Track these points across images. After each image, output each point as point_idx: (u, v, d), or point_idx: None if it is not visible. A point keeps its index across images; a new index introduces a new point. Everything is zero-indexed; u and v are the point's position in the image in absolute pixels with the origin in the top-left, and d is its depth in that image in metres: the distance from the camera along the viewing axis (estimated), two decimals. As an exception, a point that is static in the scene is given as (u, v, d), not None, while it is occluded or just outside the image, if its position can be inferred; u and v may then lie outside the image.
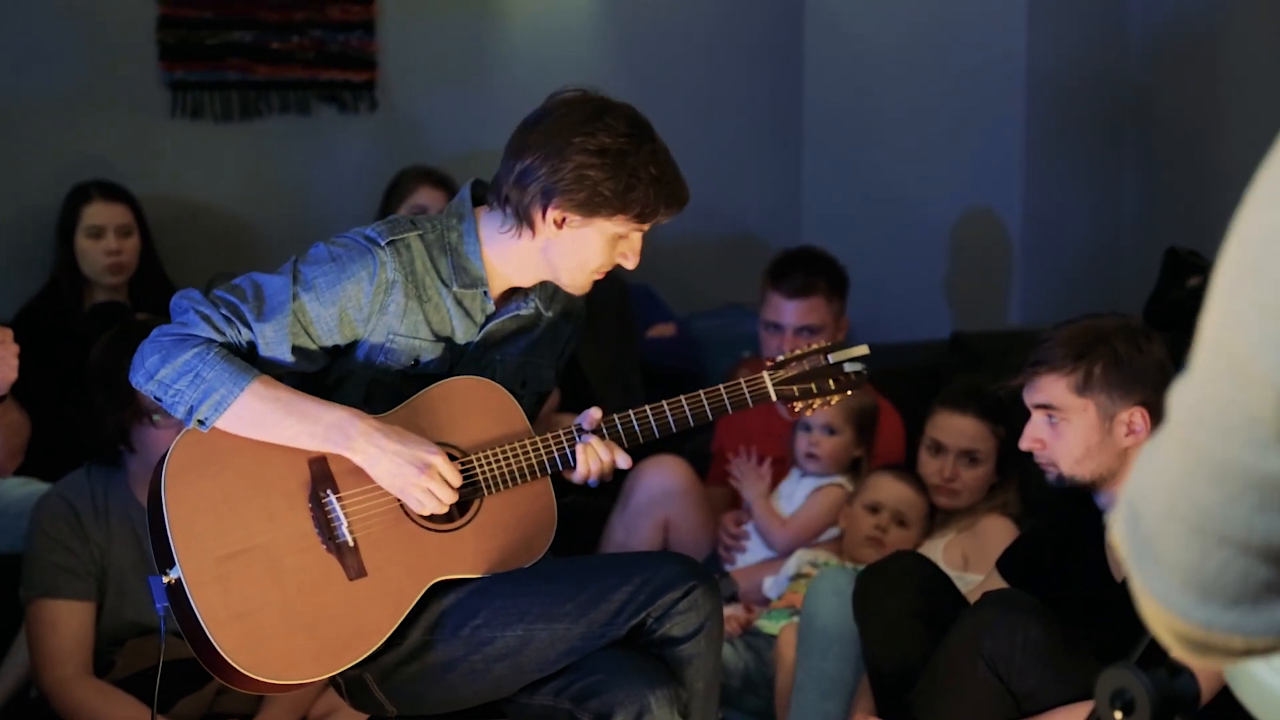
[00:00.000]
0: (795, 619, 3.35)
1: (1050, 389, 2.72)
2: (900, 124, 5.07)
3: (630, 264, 2.64)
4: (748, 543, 3.82)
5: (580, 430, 2.63)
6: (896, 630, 2.91)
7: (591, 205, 2.54)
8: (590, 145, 2.53)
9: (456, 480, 2.54)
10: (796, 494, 3.81)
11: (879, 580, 2.96)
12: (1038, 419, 2.74)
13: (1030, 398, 2.75)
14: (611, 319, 4.51)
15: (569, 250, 2.59)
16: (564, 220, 2.56)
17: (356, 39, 4.79)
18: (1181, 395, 0.93)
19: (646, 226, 2.61)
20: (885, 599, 2.93)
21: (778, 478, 3.88)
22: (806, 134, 5.39)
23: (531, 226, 2.58)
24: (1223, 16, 4.51)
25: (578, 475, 2.63)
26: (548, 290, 2.73)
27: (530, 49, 4.98)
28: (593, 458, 2.61)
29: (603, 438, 2.62)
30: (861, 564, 3.38)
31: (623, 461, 2.64)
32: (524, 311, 2.69)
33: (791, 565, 3.64)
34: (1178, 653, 0.98)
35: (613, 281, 4.51)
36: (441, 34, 4.91)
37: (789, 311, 3.92)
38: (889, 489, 3.64)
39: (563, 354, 2.83)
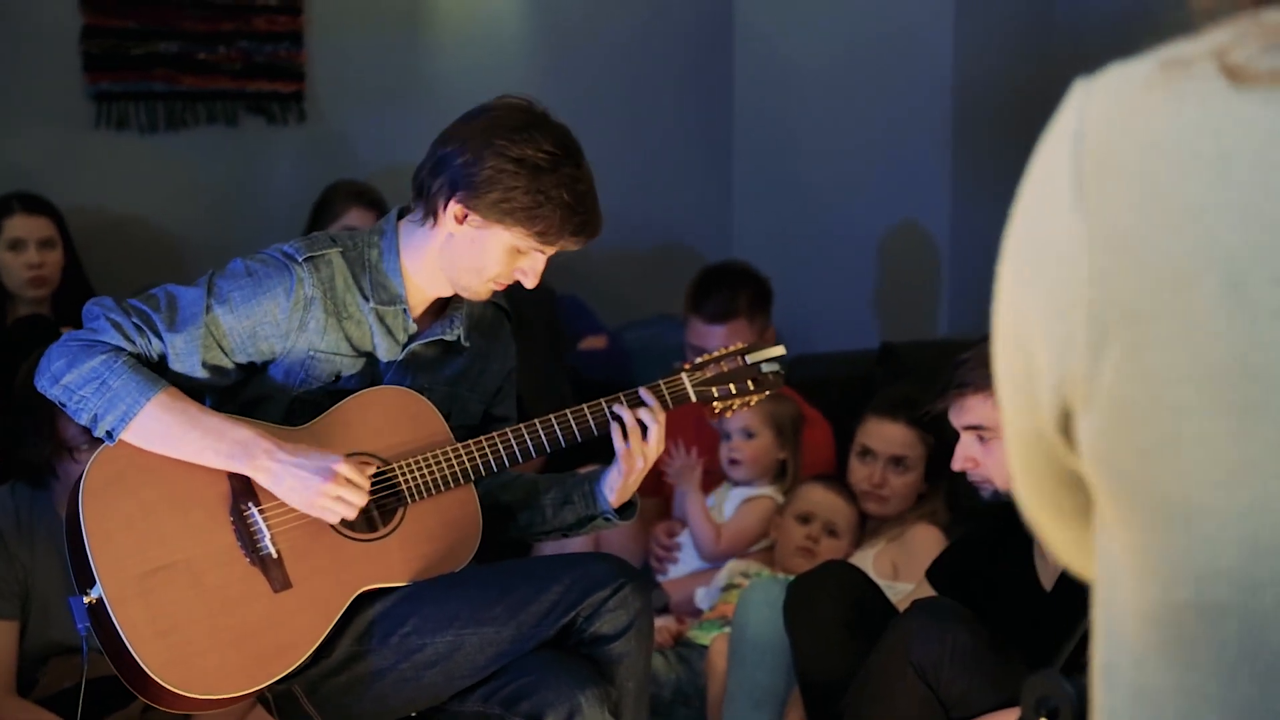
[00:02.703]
0: (727, 630, 3.36)
1: (977, 410, 2.73)
2: (829, 137, 5.10)
3: (529, 283, 2.62)
4: (679, 554, 3.82)
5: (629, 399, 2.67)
6: (827, 640, 2.92)
7: (496, 210, 2.54)
8: (511, 152, 2.53)
9: (365, 481, 2.52)
10: (727, 504, 3.82)
11: (809, 590, 2.97)
12: (967, 439, 2.75)
13: (958, 419, 2.76)
14: (542, 331, 4.50)
15: (465, 251, 2.58)
16: (465, 216, 2.55)
17: (285, 50, 4.76)
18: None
19: (549, 249, 2.59)
20: (816, 609, 2.94)
21: (709, 488, 3.88)
22: (737, 146, 5.41)
23: (435, 216, 2.58)
24: (1148, 25, 4.56)
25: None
26: (471, 320, 2.72)
27: (460, 62, 4.97)
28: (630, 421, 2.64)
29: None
30: (793, 574, 3.39)
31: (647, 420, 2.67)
32: (447, 336, 2.68)
33: (723, 576, 3.65)
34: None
35: (543, 293, 4.50)
36: (371, 46, 4.89)
37: (711, 336, 3.93)
38: (820, 499, 3.66)
39: (497, 396, 2.81)
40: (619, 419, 2.66)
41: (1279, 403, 0.80)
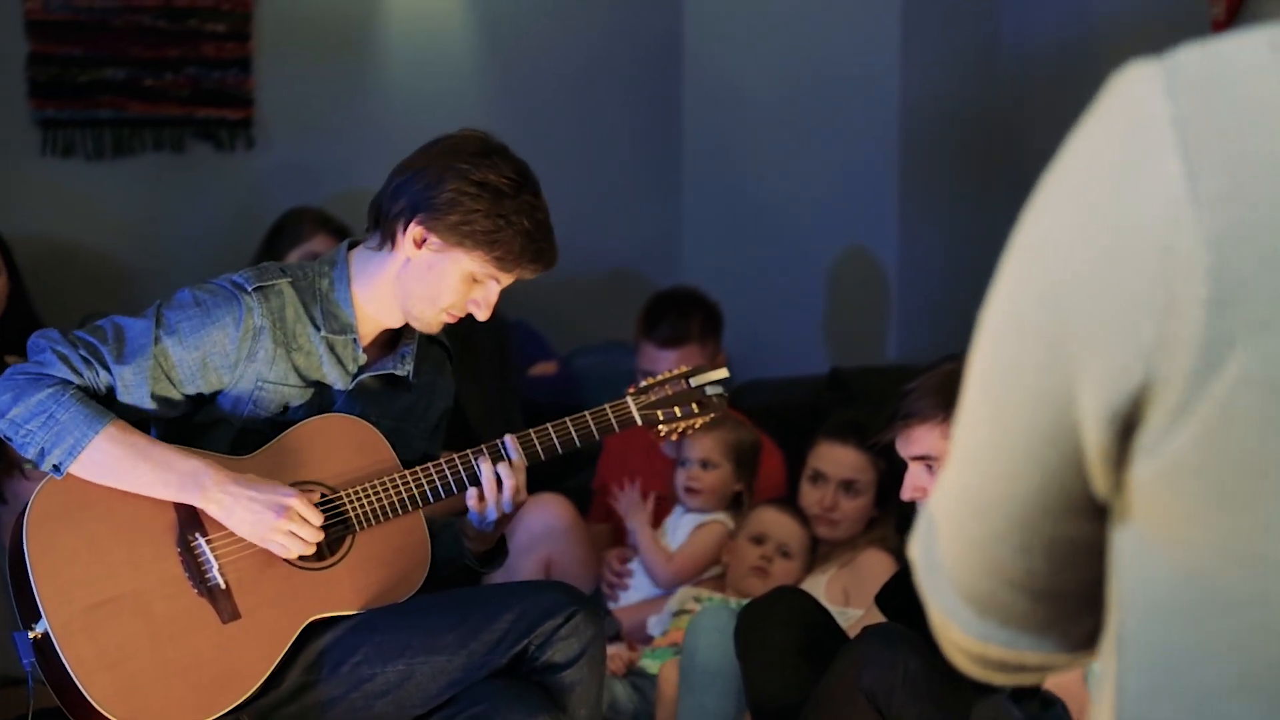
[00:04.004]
0: (677, 656, 3.35)
1: (924, 440, 2.73)
2: (778, 164, 5.12)
3: (481, 315, 2.62)
4: (631, 580, 3.82)
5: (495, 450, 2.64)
6: (778, 666, 2.92)
7: (457, 233, 2.54)
8: (473, 175, 2.53)
9: (318, 519, 2.51)
10: (679, 530, 3.82)
11: (760, 616, 2.97)
12: (916, 469, 2.76)
13: (905, 450, 2.77)
14: (492, 357, 4.49)
15: (422, 277, 2.57)
16: (425, 240, 2.55)
17: (233, 76, 4.75)
18: (957, 426, 0.92)
19: (505, 278, 2.60)
20: (767, 635, 2.94)
21: (661, 514, 3.88)
22: (686, 173, 5.43)
23: (393, 241, 2.57)
24: (1093, 47, 4.61)
25: (480, 499, 2.62)
26: (418, 356, 2.71)
27: (410, 90, 4.97)
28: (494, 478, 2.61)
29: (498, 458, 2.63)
30: (746, 596, 3.40)
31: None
32: (397, 371, 2.67)
33: (674, 602, 3.65)
34: (972, 672, 0.97)
35: (493, 319, 4.49)
36: (320, 72, 4.88)
37: (663, 360, 3.93)
38: (773, 521, 3.67)
39: (434, 434, 2.81)
40: (476, 474, 2.63)
41: None
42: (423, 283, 2.57)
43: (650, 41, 5.36)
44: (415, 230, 2.55)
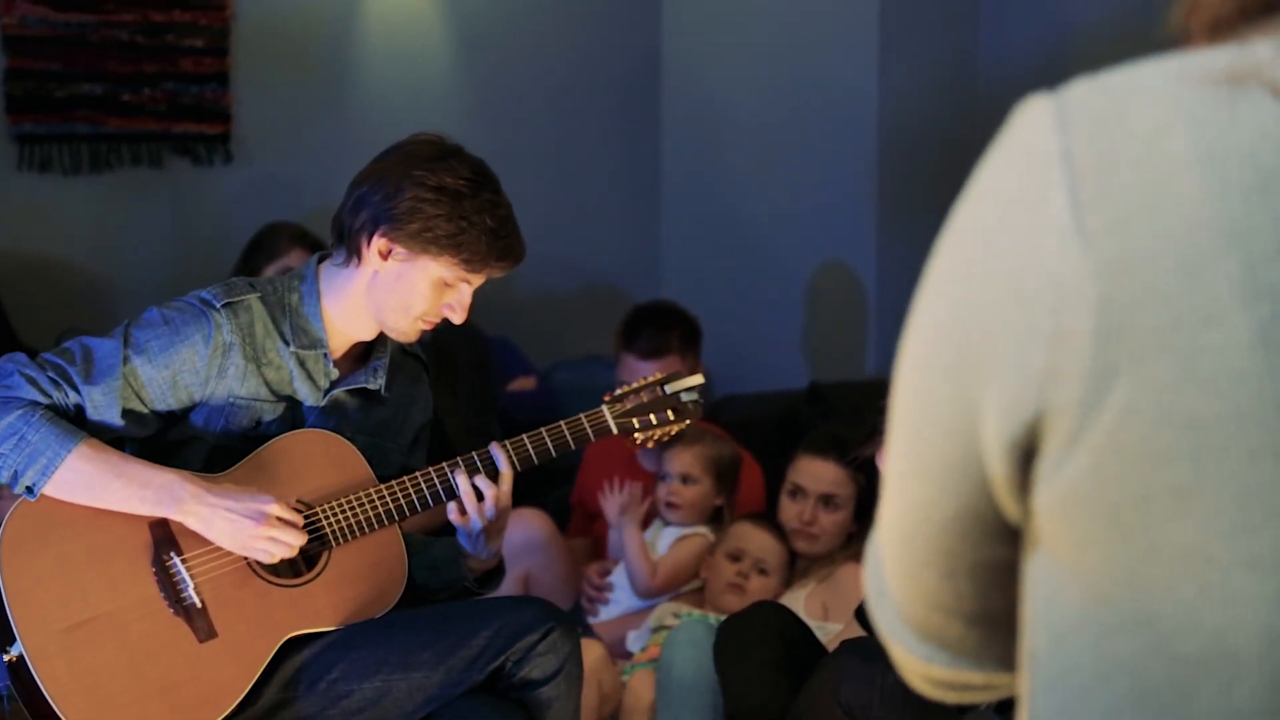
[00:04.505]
0: (647, 667, 3.35)
1: None
2: (756, 179, 5.13)
3: (457, 318, 2.61)
4: (611, 594, 3.81)
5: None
6: (757, 681, 2.92)
7: (421, 240, 2.53)
8: (430, 180, 2.52)
9: (298, 519, 2.50)
10: (659, 544, 3.81)
11: (739, 631, 2.97)
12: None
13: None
14: (471, 373, 4.49)
15: (393, 287, 2.56)
16: (390, 251, 2.54)
17: (211, 91, 4.74)
18: (885, 457, 0.94)
19: (475, 279, 2.59)
20: (746, 650, 2.94)
21: (641, 528, 3.87)
22: (665, 188, 5.44)
23: (359, 255, 2.56)
24: (1069, 64, 4.62)
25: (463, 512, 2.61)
26: (392, 369, 2.71)
27: (387, 103, 4.97)
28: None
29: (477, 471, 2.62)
30: (724, 612, 3.39)
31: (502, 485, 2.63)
32: (370, 385, 2.66)
33: (653, 618, 3.64)
34: (926, 692, 0.99)
35: (472, 334, 4.50)
36: (297, 88, 4.88)
37: (644, 372, 3.93)
38: (750, 537, 3.66)
39: (413, 447, 2.80)
40: (454, 486, 2.63)
41: None
42: (393, 293, 2.57)
43: (629, 59, 5.37)
44: (379, 242, 2.54)
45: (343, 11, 4.93)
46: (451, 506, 2.63)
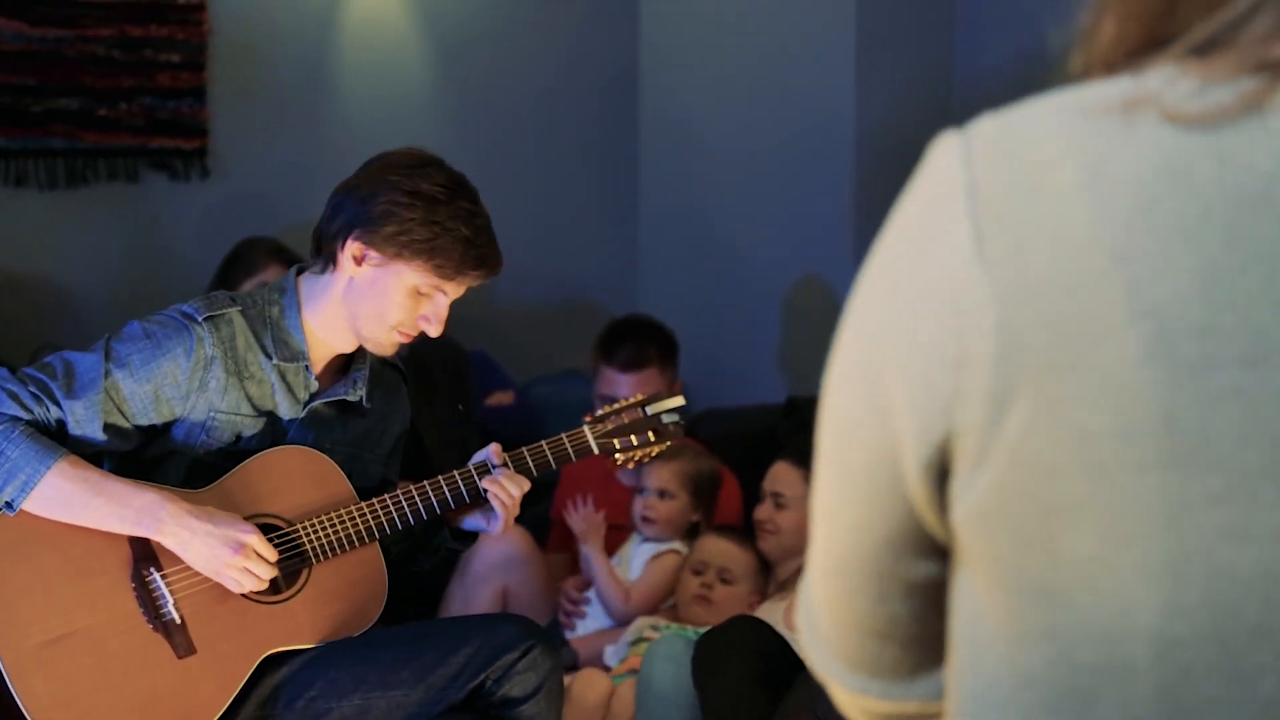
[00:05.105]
0: (627, 679, 3.35)
1: None
2: (733, 194, 5.14)
3: (433, 330, 2.60)
4: (588, 609, 3.81)
5: (492, 466, 2.64)
6: (736, 694, 2.92)
7: (394, 244, 2.53)
8: (405, 185, 2.53)
9: (272, 556, 2.50)
10: (635, 559, 3.81)
11: (718, 645, 2.98)
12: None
13: None
14: (450, 387, 4.48)
15: (366, 294, 2.56)
16: (364, 256, 2.54)
17: (187, 106, 4.73)
18: (813, 487, 0.96)
19: (450, 288, 2.58)
20: (724, 663, 2.94)
21: (618, 543, 3.88)
22: (642, 202, 5.44)
23: (335, 261, 2.57)
24: (1046, 77, 4.65)
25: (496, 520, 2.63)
26: (372, 381, 2.70)
27: (365, 117, 4.97)
28: (502, 491, 2.62)
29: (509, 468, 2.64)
30: (694, 624, 3.39)
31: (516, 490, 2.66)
32: (349, 396, 2.66)
33: (631, 632, 3.64)
34: None
35: (450, 349, 4.49)
36: (275, 102, 4.88)
37: (623, 385, 3.94)
38: (712, 548, 3.66)
39: (390, 458, 2.80)
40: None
41: (1205, 458, 0.78)
42: (368, 300, 2.56)
43: (606, 72, 5.37)
44: (354, 247, 2.54)
45: (320, 27, 4.93)
46: (481, 519, 2.66)
